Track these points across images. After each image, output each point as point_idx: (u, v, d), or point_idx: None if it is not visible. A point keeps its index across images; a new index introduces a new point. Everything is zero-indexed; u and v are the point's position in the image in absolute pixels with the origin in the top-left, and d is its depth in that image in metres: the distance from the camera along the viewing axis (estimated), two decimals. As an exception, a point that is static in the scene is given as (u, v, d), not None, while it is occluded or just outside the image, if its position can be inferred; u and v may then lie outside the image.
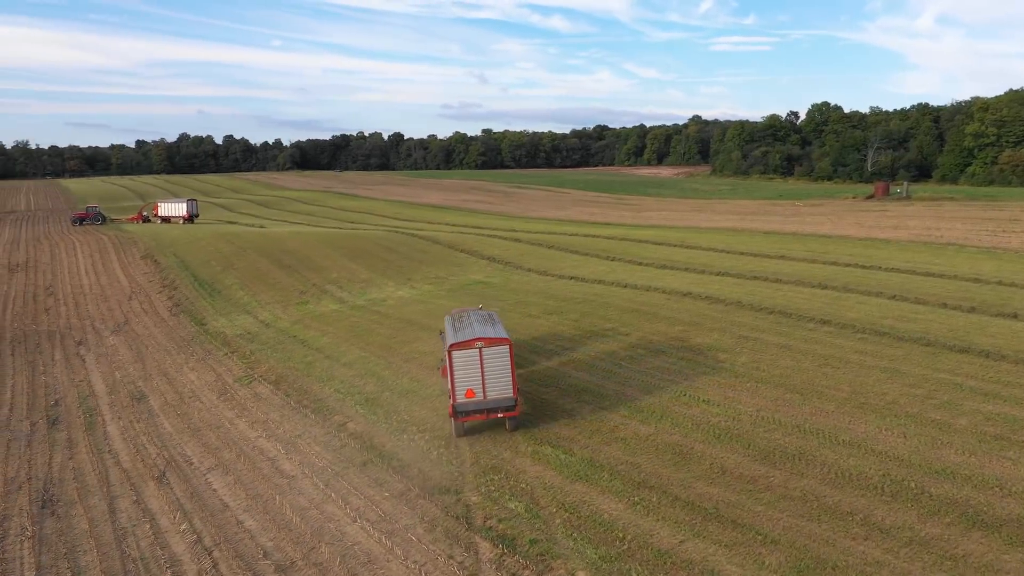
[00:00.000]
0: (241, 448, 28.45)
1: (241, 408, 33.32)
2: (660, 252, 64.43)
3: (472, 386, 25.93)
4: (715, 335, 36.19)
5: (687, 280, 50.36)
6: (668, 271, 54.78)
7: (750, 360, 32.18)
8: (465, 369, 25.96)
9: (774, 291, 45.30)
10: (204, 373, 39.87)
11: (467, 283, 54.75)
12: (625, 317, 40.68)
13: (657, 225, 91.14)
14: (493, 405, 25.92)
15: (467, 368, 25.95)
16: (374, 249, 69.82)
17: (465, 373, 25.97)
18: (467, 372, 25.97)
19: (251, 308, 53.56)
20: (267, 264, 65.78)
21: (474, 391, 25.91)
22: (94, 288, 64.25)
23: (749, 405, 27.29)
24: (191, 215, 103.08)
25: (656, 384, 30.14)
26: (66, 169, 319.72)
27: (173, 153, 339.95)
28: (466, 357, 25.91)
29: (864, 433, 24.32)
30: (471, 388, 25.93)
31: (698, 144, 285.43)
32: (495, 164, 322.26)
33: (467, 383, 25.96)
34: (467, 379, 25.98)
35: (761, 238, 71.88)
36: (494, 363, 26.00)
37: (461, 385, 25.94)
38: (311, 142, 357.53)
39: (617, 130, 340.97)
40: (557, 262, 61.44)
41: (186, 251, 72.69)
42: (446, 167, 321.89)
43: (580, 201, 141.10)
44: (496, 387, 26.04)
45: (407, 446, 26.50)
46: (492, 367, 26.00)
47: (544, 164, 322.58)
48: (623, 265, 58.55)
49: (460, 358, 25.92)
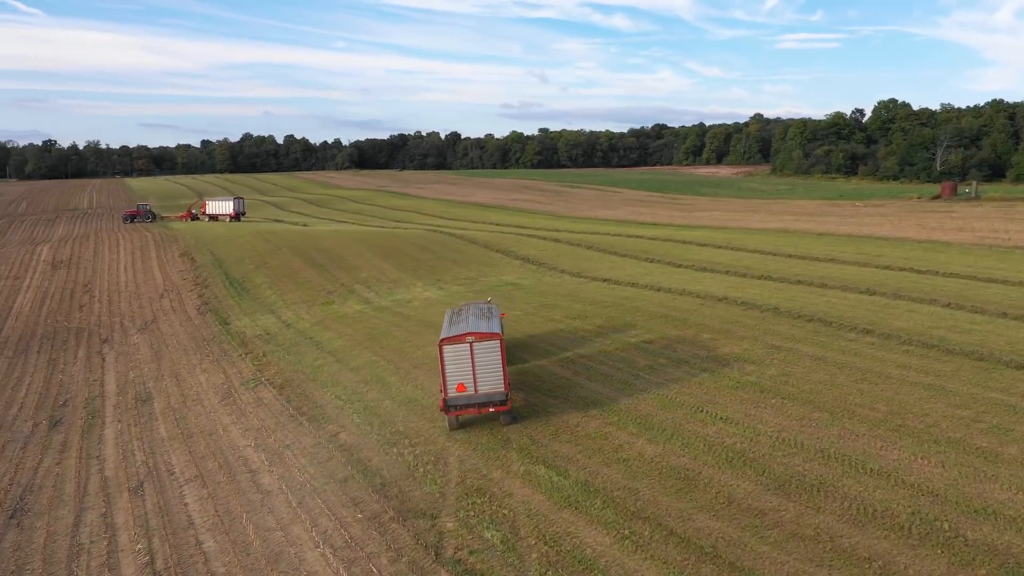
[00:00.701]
0: (226, 458, 27.05)
1: (240, 413, 32.00)
2: (703, 254, 61.50)
3: (463, 380, 25.84)
4: (745, 344, 33.52)
5: (725, 284, 47.54)
6: (707, 274, 51.95)
7: (779, 373, 29.50)
8: (456, 364, 25.79)
9: (817, 297, 42.24)
10: (214, 374, 38.80)
11: (497, 284, 52.82)
12: (652, 323, 38.23)
13: (705, 226, 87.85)
14: (484, 400, 25.82)
15: (458, 363, 25.79)
16: (408, 248, 68.43)
17: (456, 368, 25.81)
18: (458, 367, 25.81)
19: (276, 308, 52.59)
20: (299, 263, 64.92)
21: (465, 385, 25.85)
22: (129, 285, 64.29)
23: (771, 424, 24.71)
24: (238, 213, 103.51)
25: (673, 398, 27.74)
26: (134, 168, 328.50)
27: (236, 152, 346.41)
28: (457, 352, 25.78)
29: (896, 461, 21.57)
30: (462, 382, 25.85)
31: (759, 143, 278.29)
32: (551, 164, 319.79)
33: (458, 377, 25.84)
34: (458, 373, 25.83)
35: (812, 240, 68.25)
36: (485, 357, 25.83)
37: (452, 379, 25.84)
38: (369, 141, 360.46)
39: (676, 129, 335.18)
40: (593, 263, 59.07)
41: (223, 249, 72.42)
42: (502, 166, 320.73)
43: (631, 201, 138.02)
44: (487, 382, 25.88)
45: (394, 461, 24.69)
46: (483, 361, 25.83)
47: (601, 164, 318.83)
48: (661, 267, 55.88)
49: (451, 352, 25.80)
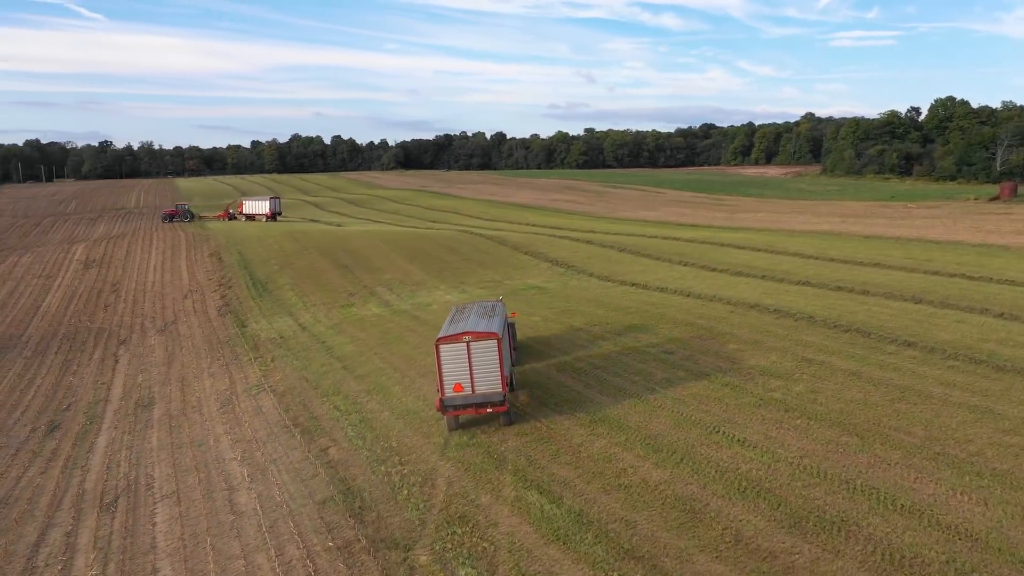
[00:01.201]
0: (209, 472, 25.60)
1: (235, 423, 30.60)
2: (740, 257, 58.75)
3: (460, 380, 25.30)
4: (774, 356, 31.04)
5: (760, 290, 44.90)
6: (742, 279, 49.31)
7: (807, 389, 27.02)
8: (453, 363, 25.31)
9: (857, 304, 39.43)
10: (220, 379, 37.59)
11: (521, 288, 50.89)
12: (676, 332, 35.91)
13: (747, 227, 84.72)
14: (482, 400, 25.30)
15: (455, 362, 25.30)
16: (436, 250, 66.87)
17: (453, 367, 25.32)
18: (455, 366, 25.32)
19: (295, 310, 51.41)
20: (325, 264, 63.81)
21: (462, 385, 25.31)
22: (156, 285, 63.86)
23: (793, 449, 22.34)
24: (274, 213, 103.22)
25: (688, 415, 25.49)
26: (186, 168, 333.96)
27: (284, 153, 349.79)
28: (454, 351, 25.28)
29: (931, 496, 19.09)
30: (459, 382, 25.31)
31: (809, 143, 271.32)
32: (596, 164, 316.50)
33: (455, 377, 25.33)
34: (455, 373, 25.34)
35: (858, 243, 64.93)
36: (482, 357, 25.27)
37: (449, 379, 25.36)
38: (415, 142, 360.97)
39: (724, 129, 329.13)
40: (624, 266, 56.78)
41: (251, 249, 71.76)
42: (547, 167, 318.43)
43: (674, 201, 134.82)
44: (485, 382, 25.32)
45: (379, 481, 22.92)
46: (480, 361, 25.28)
47: (647, 164, 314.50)
48: (693, 271, 53.34)
49: (448, 352, 25.31)
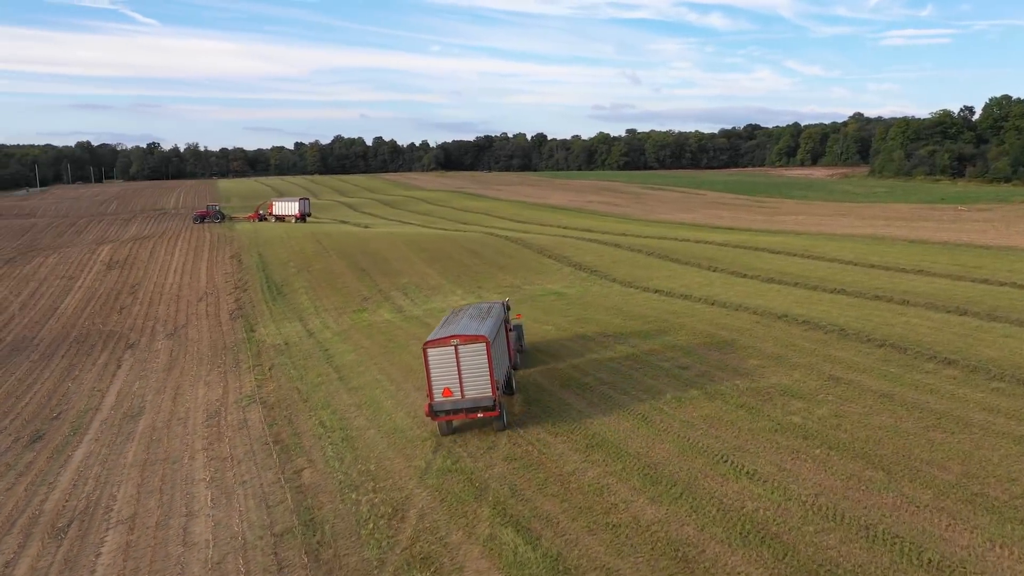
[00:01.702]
0: (173, 495, 23.84)
1: (216, 438, 28.88)
2: (774, 262, 55.71)
3: (449, 385, 24.69)
4: (797, 374, 28.33)
5: (791, 298, 42.01)
6: (773, 286, 46.39)
7: (831, 413, 24.31)
8: (441, 367, 24.70)
9: (895, 316, 36.40)
10: (214, 388, 36.00)
11: (539, 294, 48.63)
12: (694, 344, 33.33)
13: (785, 231, 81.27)
14: (471, 405, 24.65)
15: (444, 366, 24.70)
16: (457, 253, 64.89)
17: (442, 371, 24.71)
18: (444, 370, 24.70)
19: (306, 315, 49.85)
20: (343, 266, 62.26)
21: (451, 390, 24.68)
22: (173, 288, 62.94)
23: (808, 484, 19.74)
24: (303, 214, 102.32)
25: (695, 441, 22.99)
26: (230, 169, 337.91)
27: (326, 154, 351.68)
28: (442, 355, 24.67)
29: (965, 549, 16.40)
30: (448, 387, 24.69)
31: (857, 143, 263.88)
32: (638, 165, 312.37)
33: (444, 382, 24.72)
34: (444, 378, 24.72)
35: (902, 248, 61.36)
36: (471, 361, 24.61)
37: (438, 384, 24.72)
38: (456, 143, 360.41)
39: (769, 129, 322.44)
40: (650, 271, 54.14)
41: (272, 251, 70.60)
42: (587, 168, 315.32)
43: (713, 203, 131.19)
44: (474, 386, 24.67)
45: (346, 512, 20.86)
46: (469, 365, 24.62)
47: (689, 165, 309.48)
48: (723, 277, 50.51)
49: (436, 356, 24.69)
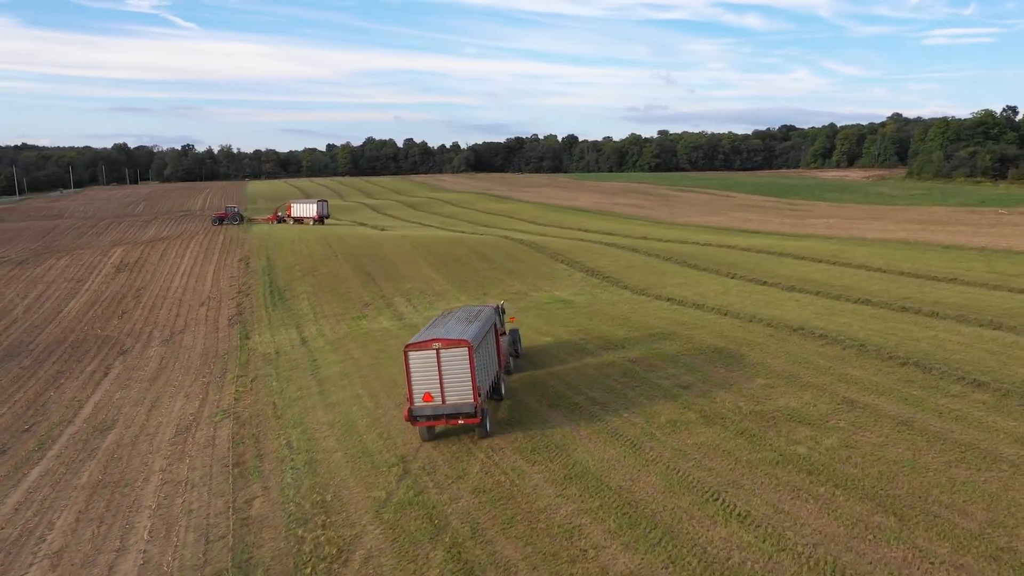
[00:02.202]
0: (111, 525, 21.94)
1: (178, 457, 26.99)
2: (798, 269, 52.80)
3: (430, 390, 23.92)
4: (808, 396, 25.70)
5: (810, 309, 39.21)
6: (793, 295, 43.59)
7: (841, 443, 21.69)
8: (422, 372, 23.92)
9: (921, 330, 33.50)
10: (192, 401, 34.21)
11: (545, 302, 46.30)
12: (699, 360, 30.80)
13: (814, 235, 78.00)
14: (452, 411, 23.85)
15: (424, 371, 23.91)
16: (467, 258, 62.76)
17: (422, 376, 23.94)
18: (424, 375, 23.93)
19: (304, 321, 48.07)
20: (349, 271, 60.46)
21: (432, 395, 23.92)
22: (177, 292, 61.62)
23: (807, 531, 17.21)
24: (321, 216, 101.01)
25: (685, 475, 20.54)
26: (262, 171, 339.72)
27: (357, 156, 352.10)
28: (423, 359, 23.90)
29: (986, 620, 13.82)
30: (429, 392, 23.92)
31: (895, 145, 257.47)
32: (669, 167, 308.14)
33: (425, 386, 23.94)
34: (424, 382, 23.94)
35: (936, 254, 58.02)
36: (452, 366, 23.82)
37: (418, 388, 23.98)
38: (486, 145, 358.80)
39: (805, 130, 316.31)
40: (665, 278, 51.55)
41: (280, 254, 69.10)
42: (618, 169, 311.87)
43: (742, 206, 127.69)
44: (455, 392, 23.89)
45: (288, 551, 18.74)
46: (451, 370, 23.82)
47: (722, 166, 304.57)
48: (741, 284, 47.77)
49: (417, 359, 23.92)
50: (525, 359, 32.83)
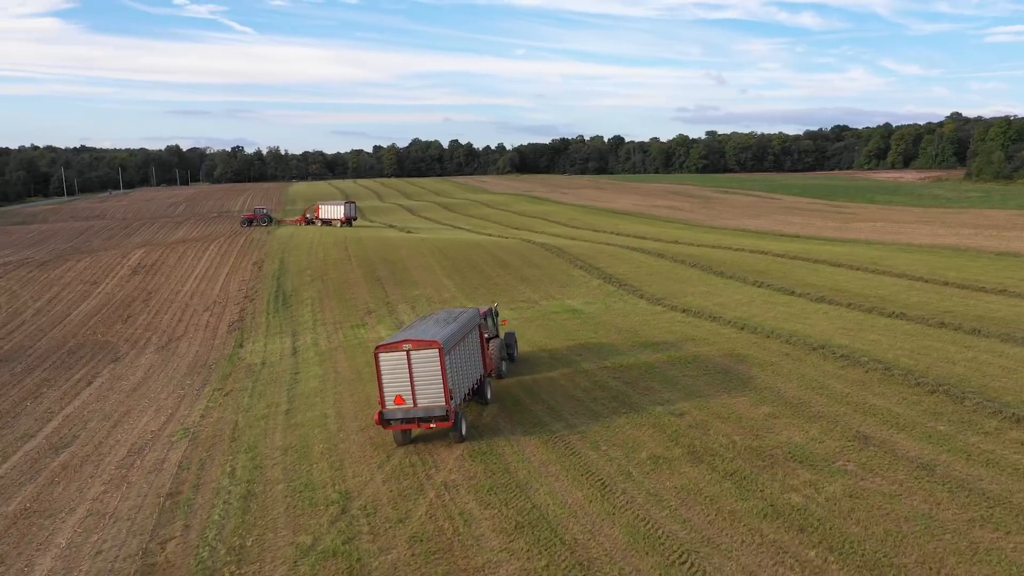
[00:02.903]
0: (11, 567, 19.67)
1: (118, 484, 24.75)
2: (832, 277, 48.96)
3: (401, 392, 23.33)
4: (816, 429, 22.38)
5: (837, 324, 35.61)
6: (822, 306, 39.95)
7: (845, 492, 18.40)
8: (393, 373, 23.30)
9: (959, 350, 29.76)
10: (159, 417, 32.09)
11: (553, 311, 43.35)
12: (700, 383, 27.61)
13: (856, 239, 73.58)
14: (424, 414, 23.25)
15: (395, 372, 23.29)
16: (484, 263, 60.06)
17: (393, 378, 23.33)
18: (395, 377, 23.30)
19: (302, 329, 45.90)
20: (359, 275, 58.24)
21: (403, 398, 23.34)
22: (185, 296, 60.12)
23: (785, 610, 14.07)
24: (348, 218, 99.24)
25: (655, 527, 17.49)
26: (309, 172, 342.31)
27: (403, 157, 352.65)
28: (393, 360, 23.26)
29: None
30: (400, 394, 23.34)
31: (954, 145, 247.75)
32: (717, 168, 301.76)
33: (396, 389, 23.34)
34: (396, 384, 23.33)
35: (986, 262, 53.54)
36: (423, 368, 23.12)
37: (390, 391, 23.38)
38: (531, 146, 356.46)
39: (858, 131, 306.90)
40: (686, 286, 48.17)
41: (295, 258, 67.28)
42: (664, 171, 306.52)
43: (786, 208, 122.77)
44: (426, 394, 23.22)
45: (179, 611, 16.23)
46: (421, 372, 23.15)
47: (771, 168, 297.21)
48: (767, 294, 44.21)
49: (387, 361, 23.30)
50: (514, 373, 30.04)
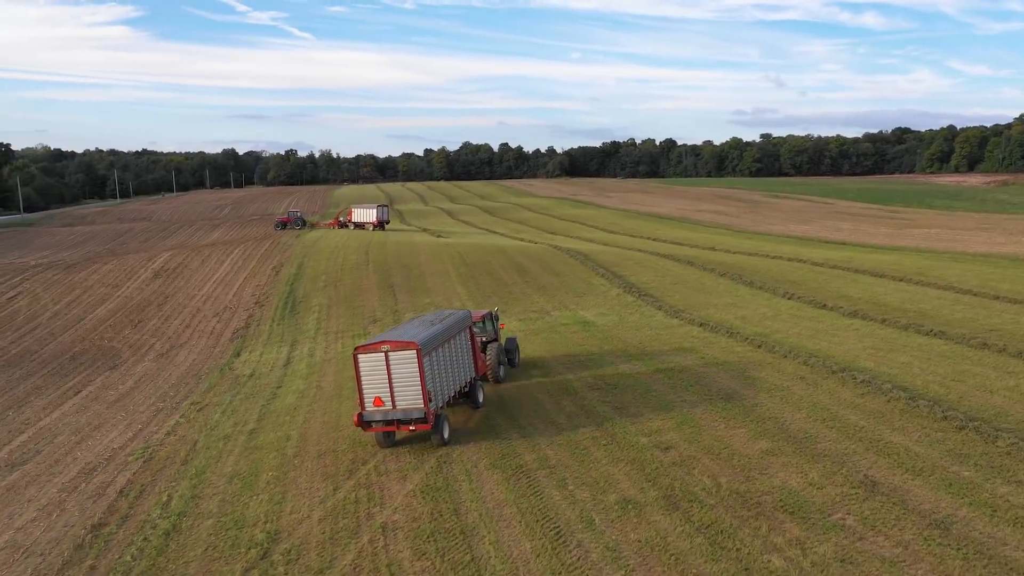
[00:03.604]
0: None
1: (48, 512, 22.89)
2: (870, 289, 45.29)
3: (380, 394, 23.14)
4: (817, 472, 19.33)
5: (865, 343, 32.22)
6: (853, 322, 36.51)
7: (837, 554, 15.35)
8: (372, 375, 23.19)
9: (1000, 377, 26.25)
10: (127, 432, 30.40)
11: (563, 323, 40.67)
12: (698, 410, 24.69)
13: (906, 247, 69.10)
14: (402, 416, 23.03)
15: (374, 374, 23.16)
16: (502, 270, 57.58)
17: (372, 379, 23.20)
18: (374, 378, 23.17)
19: (302, 338, 44.09)
20: (373, 281, 56.30)
21: (382, 399, 23.15)
22: (199, 301, 58.98)
23: None
24: (380, 221, 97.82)
25: (604, 592, 14.77)
26: (360, 175, 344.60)
27: (453, 161, 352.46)
28: (372, 361, 23.14)
29: None
30: (379, 396, 23.15)
31: (1023, 148, 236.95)
32: (772, 171, 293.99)
33: (375, 390, 23.17)
34: (374, 386, 23.16)
35: (1045, 273, 49.08)
36: (401, 369, 22.90)
37: (368, 392, 23.30)
38: (581, 149, 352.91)
39: (920, 133, 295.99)
40: (710, 297, 45.00)
41: (314, 262, 65.73)
42: (717, 174, 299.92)
43: (838, 214, 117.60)
44: (405, 396, 23.01)
45: None
46: (400, 373, 22.93)
47: (828, 172, 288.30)
48: (795, 307, 40.84)
49: (366, 362, 23.24)
50: (500, 393, 27.50)
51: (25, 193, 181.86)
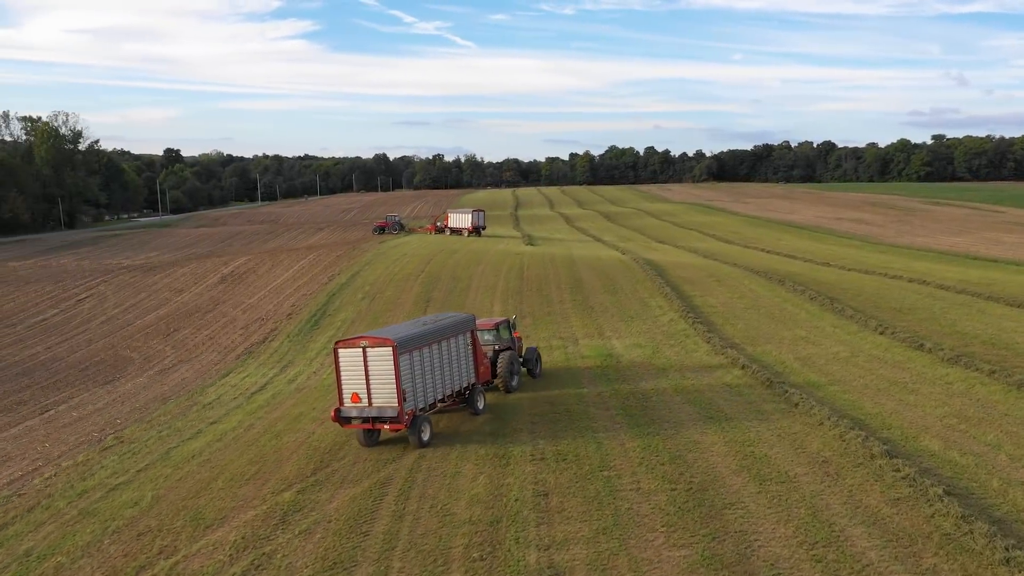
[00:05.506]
0: None
1: None
2: (997, 323, 35.49)
3: (357, 390, 22.62)
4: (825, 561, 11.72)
5: (955, 406, 23.35)
6: (952, 371, 27.42)
7: None
8: (350, 371, 22.68)
9: None
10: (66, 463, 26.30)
11: (583, 355, 33.79)
12: (681, 499, 17.30)
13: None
14: (377, 414, 22.45)
15: (352, 370, 22.65)
16: (556, 286, 50.73)
17: (351, 375, 22.70)
18: (352, 374, 22.66)
19: (300, 359, 39.81)
20: (412, 295, 51.10)
21: (359, 396, 22.61)
22: (242, 310, 55.88)
23: None
24: (475, 227, 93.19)
25: None
26: (503, 180, 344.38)
27: (596, 165, 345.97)
28: (351, 357, 22.68)
29: None
30: (356, 392, 22.63)
31: None
32: (943, 176, 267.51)
33: (353, 387, 22.70)
34: (352, 382, 22.71)
35: None
36: (378, 366, 22.30)
37: (347, 388, 22.84)
38: (731, 152, 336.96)
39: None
40: (782, 327, 36.55)
41: (371, 271, 61.44)
42: (880, 179, 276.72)
43: (1003, 224, 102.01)
44: (380, 394, 22.38)
45: None
46: (376, 371, 22.33)
47: (1012, 176, 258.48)
48: (884, 345, 31.90)
49: (346, 358, 22.79)
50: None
51: (174, 196, 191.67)
